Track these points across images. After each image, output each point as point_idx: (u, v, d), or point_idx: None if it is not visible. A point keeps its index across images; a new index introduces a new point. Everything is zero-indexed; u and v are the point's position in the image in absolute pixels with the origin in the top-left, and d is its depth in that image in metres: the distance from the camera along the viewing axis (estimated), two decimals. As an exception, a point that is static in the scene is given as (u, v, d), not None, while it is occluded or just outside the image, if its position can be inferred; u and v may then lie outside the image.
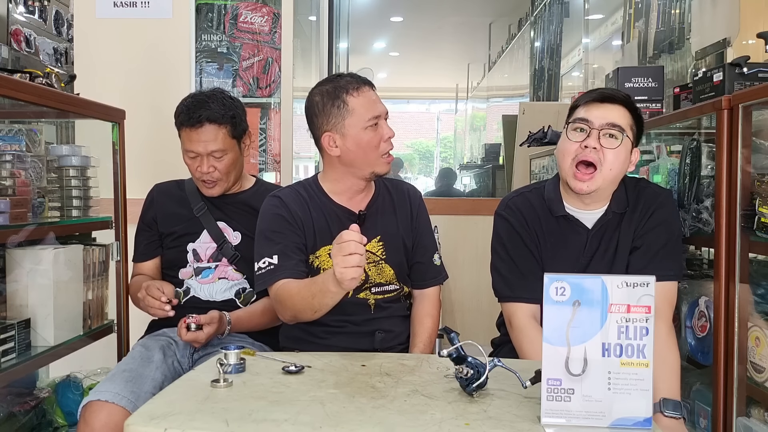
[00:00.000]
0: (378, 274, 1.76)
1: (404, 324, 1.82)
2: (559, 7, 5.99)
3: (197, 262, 1.98)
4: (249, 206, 1.98)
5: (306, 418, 1.03)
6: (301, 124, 4.78)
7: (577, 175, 1.62)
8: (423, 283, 1.84)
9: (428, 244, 1.85)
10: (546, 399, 1.03)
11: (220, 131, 1.88)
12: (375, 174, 1.72)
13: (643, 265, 1.65)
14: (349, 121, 1.67)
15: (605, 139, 1.61)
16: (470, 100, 10.99)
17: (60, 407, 2.18)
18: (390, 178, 1.90)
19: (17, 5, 2.57)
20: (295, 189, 1.79)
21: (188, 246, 1.99)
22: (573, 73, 5.86)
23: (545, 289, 1.02)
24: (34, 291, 1.83)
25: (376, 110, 1.68)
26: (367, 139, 1.67)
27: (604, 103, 1.63)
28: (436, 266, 1.85)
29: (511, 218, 1.75)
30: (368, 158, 1.69)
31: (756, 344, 1.63)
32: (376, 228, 1.76)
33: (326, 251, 1.71)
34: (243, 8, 2.99)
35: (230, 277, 1.97)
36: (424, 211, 1.87)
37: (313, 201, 1.75)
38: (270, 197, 1.77)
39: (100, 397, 1.56)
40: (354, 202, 1.77)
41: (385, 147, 1.70)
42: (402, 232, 1.80)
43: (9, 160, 1.80)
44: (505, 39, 8.28)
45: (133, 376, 1.65)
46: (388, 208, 1.81)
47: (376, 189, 1.82)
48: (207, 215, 1.99)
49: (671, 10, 3.18)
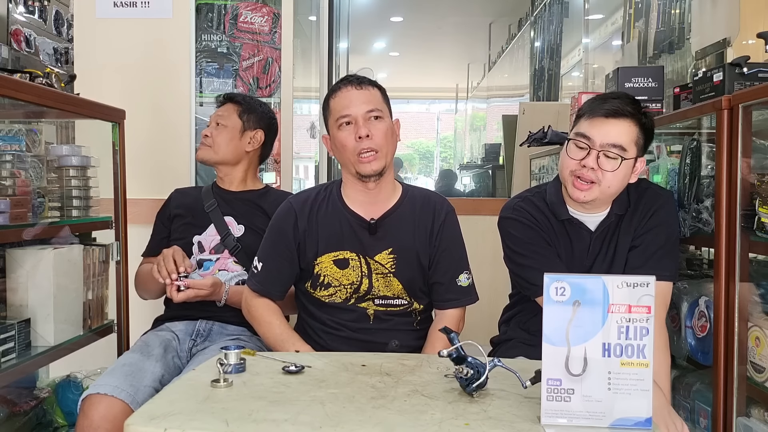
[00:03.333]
0: (385, 287, 1.72)
1: (409, 337, 1.76)
2: (559, 7, 5.98)
3: (200, 253, 2.03)
4: (256, 204, 2.09)
5: (306, 418, 1.03)
6: (301, 124, 4.79)
7: (575, 183, 1.62)
8: (442, 304, 1.77)
9: (451, 263, 1.75)
10: (546, 399, 1.03)
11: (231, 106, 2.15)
12: (359, 174, 1.66)
13: (640, 264, 1.65)
14: (330, 121, 1.70)
15: (604, 159, 1.59)
16: (470, 100, 10.99)
17: (60, 407, 2.18)
18: (423, 189, 1.85)
19: (17, 5, 2.57)
20: (315, 192, 1.79)
21: (194, 238, 2.05)
22: (573, 73, 5.86)
23: (545, 289, 1.02)
24: (34, 291, 1.83)
25: (344, 110, 1.65)
26: (341, 138, 1.66)
27: (609, 118, 1.60)
28: (460, 287, 1.75)
29: (522, 218, 1.73)
30: (347, 158, 1.67)
31: (756, 344, 1.63)
32: (388, 239, 1.72)
33: (330, 258, 1.71)
34: (243, 8, 2.99)
35: (230, 269, 2.02)
36: (451, 227, 1.76)
37: (327, 205, 1.74)
38: (286, 202, 1.80)
39: (99, 390, 1.57)
40: (369, 210, 1.73)
41: (359, 145, 1.63)
42: (417, 247, 1.73)
43: (9, 160, 1.80)
44: (505, 39, 8.28)
45: (133, 370, 1.67)
46: (407, 219, 1.74)
47: (400, 198, 1.76)
48: (216, 211, 2.06)
49: (671, 10, 3.18)
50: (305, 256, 1.73)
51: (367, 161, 1.64)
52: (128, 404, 1.56)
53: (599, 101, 1.65)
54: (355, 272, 1.71)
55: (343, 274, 1.71)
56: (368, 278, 1.71)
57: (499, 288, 2.04)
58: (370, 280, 1.71)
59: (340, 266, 1.71)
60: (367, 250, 1.71)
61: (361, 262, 1.71)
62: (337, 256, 1.71)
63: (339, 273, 1.71)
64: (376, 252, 1.71)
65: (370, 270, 1.71)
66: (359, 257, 1.71)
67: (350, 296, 1.72)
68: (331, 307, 1.74)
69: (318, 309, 1.75)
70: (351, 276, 1.71)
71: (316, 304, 1.76)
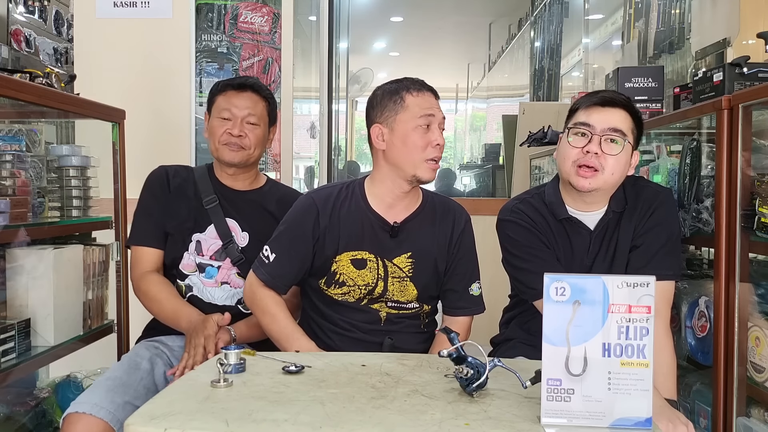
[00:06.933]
0: (400, 292, 1.72)
1: (415, 339, 1.76)
2: (559, 7, 5.99)
3: (199, 255, 1.90)
4: (261, 207, 1.95)
5: (306, 418, 1.03)
6: (301, 124, 4.79)
7: (579, 172, 1.62)
8: (453, 311, 1.78)
9: (466, 272, 1.77)
10: (546, 399, 1.03)
11: (260, 102, 1.92)
12: (417, 178, 1.66)
13: (643, 264, 1.65)
14: (401, 116, 1.65)
15: (606, 144, 1.61)
16: (470, 100, 10.98)
17: (60, 407, 2.18)
18: (443, 196, 1.86)
19: (17, 5, 2.57)
20: (337, 189, 1.76)
21: (193, 236, 1.90)
22: (573, 73, 5.86)
23: (545, 289, 1.02)
24: (34, 291, 1.83)
25: (430, 110, 1.66)
26: (415, 138, 1.64)
27: (606, 107, 1.63)
28: (471, 296, 1.77)
29: (520, 220, 1.73)
30: (412, 159, 1.64)
31: (756, 344, 1.63)
32: (408, 243, 1.72)
33: (348, 257, 1.70)
34: (243, 8, 2.99)
35: (233, 284, 1.90)
36: (469, 236, 1.79)
37: (349, 204, 1.72)
38: (307, 197, 1.77)
39: (78, 409, 1.55)
40: (392, 213, 1.72)
41: (432, 152, 1.65)
42: (436, 252, 1.74)
43: (9, 160, 1.80)
44: (505, 39, 8.28)
45: (116, 385, 1.63)
46: (427, 225, 1.75)
47: (421, 204, 1.76)
48: (217, 209, 1.90)
49: (671, 10, 3.18)
50: (323, 253, 1.71)
51: (434, 168, 1.70)
52: (108, 422, 1.53)
53: (592, 94, 1.70)
54: (372, 273, 1.70)
55: (359, 275, 1.70)
56: (384, 281, 1.70)
57: (499, 288, 2.04)
58: (385, 284, 1.70)
59: (358, 266, 1.70)
60: (386, 252, 1.71)
61: (379, 264, 1.70)
62: (356, 256, 1.70)
63: (355, 273, 1.70)
64: (395, 255, 1.71)
65: (386, 273, 1.70)
66: (377, 259, 1.70)
67: (363, 297, 1.71)
68: (343, 306, 1.73)
69: (328, 307, 1.74)
70: (367, 277, 1.70)
71: (326, 301, 1.74)
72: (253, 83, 1.93)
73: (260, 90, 1.93)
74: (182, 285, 1.90)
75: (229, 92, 1.90)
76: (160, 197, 1.91)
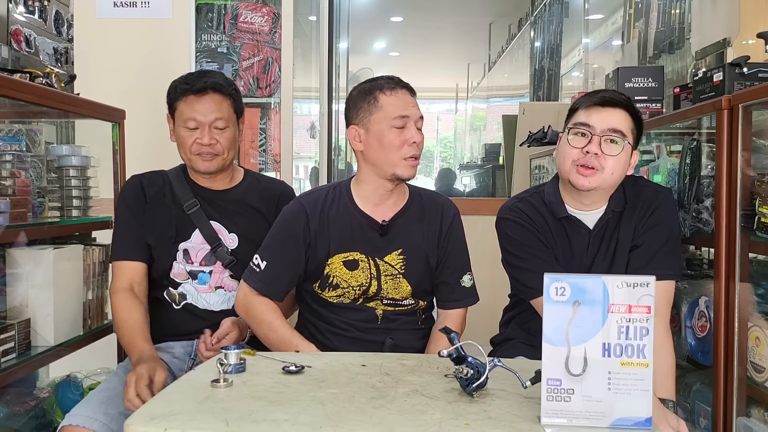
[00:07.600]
0: (394, 289, 1.72)
1: (413, 336, 1.77)
2: (559, 7, 5.99)
3: (188, 263, 1.85)
4: (245, 204, 1.89)
5: (306, 418, 1.03)
6: (301, 124, 4.79)
7: (579, 171, 1.62)
8: (446, 304, 1.78)
9: (456, 265, 1.77)
10: (546, 399, 1.03)
11: (224, 102, 1.80)
12: (397, 177, 1.66)
13: (643, 264, 1.65)
14: (376, 116, 1.65)
15: (606, 144, 1.61)
16: (470, 100, 11.00)
17: (60, 407, 2.18)
18: (429, 190, 1.85)
19: (17, 5, 2.57)
20: (324, 192, 1.76)
21: (179, 245, 1.85)
22: (573, 73, 5.87)
23: (545, 289, 1.02)
24: (34, 291, 1.83)
25: (404, 111, 1.65)
26: (390, 138, 1.64)
27: (606, 107, 1.63)
28: (463, 288, 1.77)
29: (519, 219, 1.73)
30: (390, 158, 1.64)
31: (756, 344, 1.63)
32: (398, 240, 1.72)
33: (340, 259, 1.70)
34: (243, 8, 2.99)
35: (227, 287, 1.86)
36: (458, 229, 1.79)
37: (338, 206, 1.72)
38: (296, 202, 1.76)
39: (72, 422, 1.54)
40: (380, 211, 1.72)
41: (409, 150, 1.64)
42: (426, 248, 1.74)
43: (9, 160, 1.80)
44: (505, 39, 8.29)
45: (109, 396, 1.62)
46: (416, 220, 1.75)
47: (408, 200, 1.76)
48: (199, 213, 1.84)
49: (671, 10, 3.18)
50: (315, 257, 1.71)
51: (413, 165, 1.69)
52: None
53: (592, 94, 1.69)
54: (365, 273, 1.70)
55: (353, 276, 1.70)
56: (377, 280, 1.70)
57: (499, 288, 2.04)
58: (379, 282, 1.71)
59: (350, 267, 1.70)
60: (377, 251, 1.71)
61: (370, 264, 1.70)
62: (348, 257, 1.70)
63: (348, 274, 1.70)
64: (386, 253, 1.71)
65: (379, 272, 1.71)
66: (368, 259, 1.70)
67: (358, 297, 1.72)
68: (340, 308, 1.73)
69: (325, 309, 1.75)
70: (360, 277, 1.70)
71: (323, 304, 1.75)
72: (213, 83, 1.79)
73: (221, 88, 1.80)
74: (175, 294, 1.86)
75: (189, 98, 1.79)
76: (135, 210, 1.85)
